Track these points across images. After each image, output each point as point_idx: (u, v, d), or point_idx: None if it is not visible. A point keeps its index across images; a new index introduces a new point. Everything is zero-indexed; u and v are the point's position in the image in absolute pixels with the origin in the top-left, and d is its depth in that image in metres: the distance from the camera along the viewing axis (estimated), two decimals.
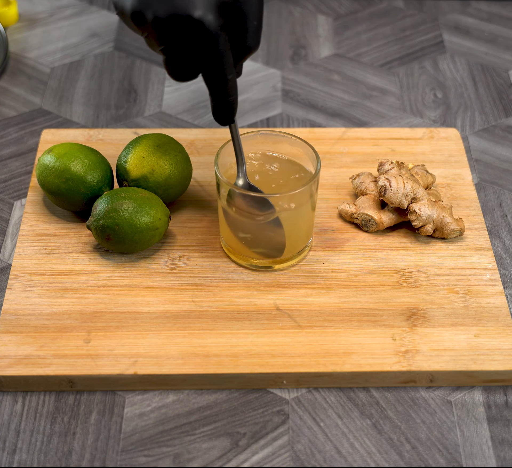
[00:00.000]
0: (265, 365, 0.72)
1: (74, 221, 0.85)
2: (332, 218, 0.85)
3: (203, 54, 0.67)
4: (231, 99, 0.71)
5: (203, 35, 0.66)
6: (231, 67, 0.69)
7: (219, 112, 0.72)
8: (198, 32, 0.66)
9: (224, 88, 0.70)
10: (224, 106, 0.71)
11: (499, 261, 0.83)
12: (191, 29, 0.65)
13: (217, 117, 0.73)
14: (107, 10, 1.16)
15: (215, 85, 0.69)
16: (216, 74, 0.68)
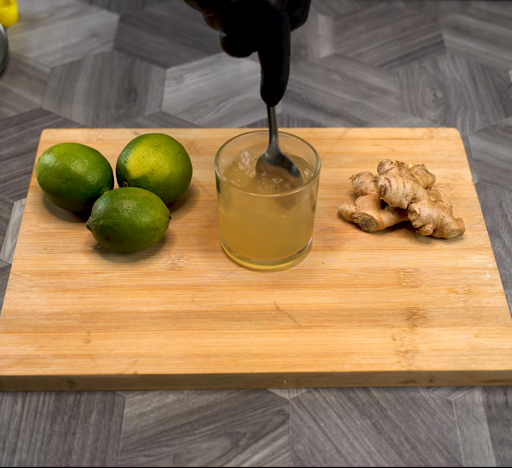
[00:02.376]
0: (265, 365, 0.72)
1: (74, 221, 0.85)
2: (332, 218, 0.85)
3: (266, 33, 0.69)
4: (283, 79, 0.72)
5: (269, 16, 0.67)
6: (288, 47, 0.70)
7: (268, 91, 0.73)
8: (264, 14, 0.67)
9: (278, 68, 0.71)
10: (275, 86, 0.73)
11: (499, 261, 0.83)
12: (257, 10, 0.67)
13: (265, 97, 0.74)
14: (107, 10, 1.16)
15: (270, 63, 0.71)
16: (273, 53, 0.70)
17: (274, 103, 0.75)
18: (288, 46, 0.70)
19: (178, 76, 1.06)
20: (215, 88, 1.04)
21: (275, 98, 0.74)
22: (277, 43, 0.69)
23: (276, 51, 0.70)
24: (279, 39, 0.69)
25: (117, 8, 1.17)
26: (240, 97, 1.02)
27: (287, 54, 0.71)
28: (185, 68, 1.07)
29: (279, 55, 0.70)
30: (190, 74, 1.06)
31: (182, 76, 1.06)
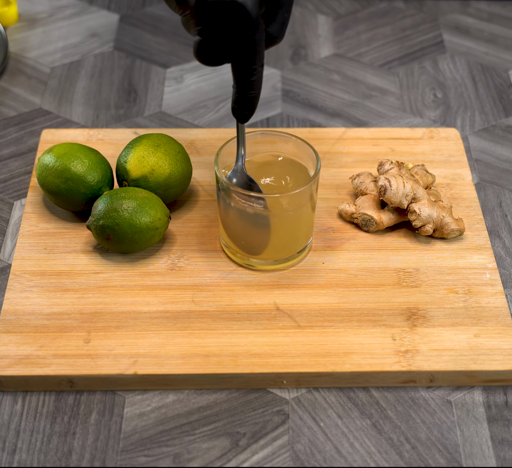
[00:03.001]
0: (265, 365, 0.72)
1: (74, 221, 0.85)
2: (332, 218, 0.85)
3: (239, 40, 0.67)
4: (254, 93, 0.70)
5: (244, 21, 0.66)
6: (262, 58, 0.68)
7: (239, 106, 0.71)
8: (238, 18, 0.66)
9: (249, 79, 0.69)
10: (245, 100, 0.71)
11: (499, 261, 0.83)
12: (232, 13, 0.66)
13: (236, 112, 0.72)
14: (107, 10, 1.16)
15: (241, 74, 0.69)
16: (245, 63, 0.68)
17: (245, 120, 0.72)
18: (261, 56, 0.68)
19: (178, 76, 1.06)
20: (215, 88, 1.04)
21: (245, 115, 0.72)
22: (250, 51, 0.67)
23: (249, 59, 0.68)
24: (253, 46, 0.67)
25: (117, 8, 1.17)
26: None
27: (260, 66, 0.69)
28: (185, 68, 1.07)
29: (251, 64, 0.68)
30: (190, 74, 1.06)
31: (182, 76, 1.06)
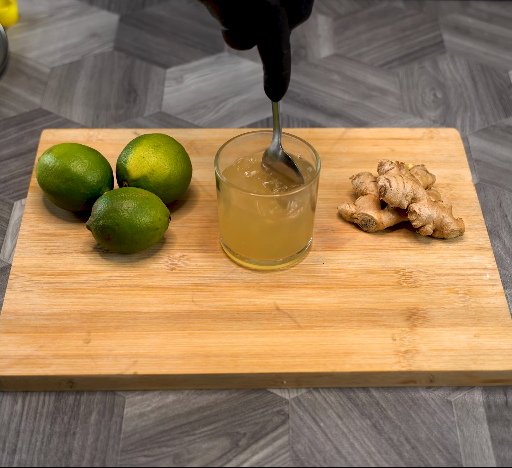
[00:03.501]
0: (265, 365, 0.72)
1: (74, 221, 0.85)
2: (332, 218, 0.85)
3: (262, 27, 0.69)
4: (284, 73, 0.72)
5: (264, 9, 0.68)
6: (287, 41, 0.71)
7: (271, 86, 0.73)
8: (259, 6, 0.68)
9: (278, 62, 0.71)
10: (277, 80, 0.73)
11: (499, 261, 0.83)
12: (251, 3, 0.67)
13: (269, 92, 0.74)
14: (107, 10, 1.16)
15: (270, 58, 0.71)
16: (272, 48, 0.70)
17: (278, 98, 0.75)
18: (287, 40, 0.70)
19: (178, 76, 1.06)
20: (215, 88, 1.04)
21: (278, 93, 0.74)
22: (275, 38, 0.70)
23: (275, 45, 0.70)
24: (277, 33, 0.69)
25: (117, 8, 1.17)
26: (240, 98, 1.02)
27: (287, 48, 0.71)
28: (185, 68, 1.07)
29: (278, 49, 0.70)
30: (190, 74, 1.06)
31: (182, 76, 1.06)
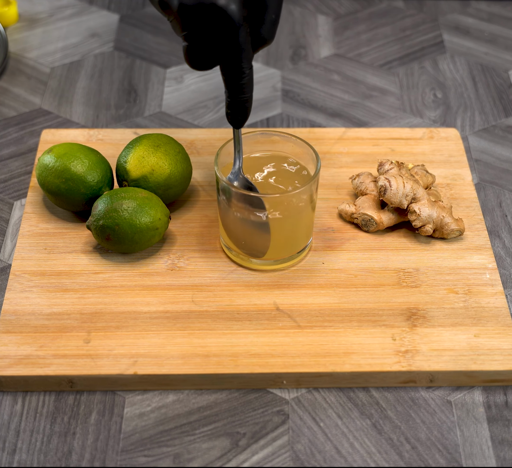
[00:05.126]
0: (265, 365, 0.72)
1: (74, 221, 0.85)
2: (332, 218, 0.85)
3: (224, 43, 0.67)
4: (245, 97, 0.70)
5: (226, 24, 0.66)
6: (249, 61, 0.69)
7: (232, 111, 0.71)
8: (221, 21, 0.66)
9: (238, 83, 0.69)
10: (238, 105, 0.71)
11: (499, 261, 0.83)
12: (214, 17, 0.66)
13: (230, 118, 0.72)
14: (107, 10, 1.16)
15: (230, 79, 0.69)
16: (233, 66, 0.68)
17: (239, 125, 0.72)
18: (249, 58, 0.68)
19: (178, 76, 1.06)
20: (215, 88, 1.04)
21: (239, 120, 0.72)
22: (236, 56, 0.67)
23: (235, 63, 0.68)
24: (238, 49, 0.67)
25: (117, 8, 1.17)
26: None
27: (248, 67, 0.69)
28: (185, 68, 1.07)
29: (239, 67, 0.68)
30: (190, 74, 1.06)
31: (182, 76, 1.06)
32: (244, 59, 0.68)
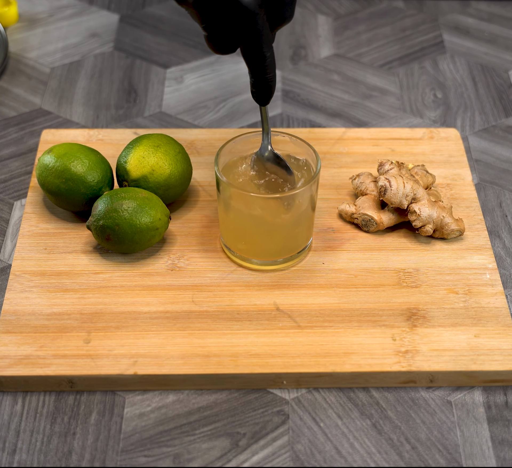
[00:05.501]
0: (265, 365, 0.72)
1: (74, 221, 0.85)
2: (332, 219, 0.85)
3: (242, 31, 0.69)
4: (269, 76, 0.72)
5: (242, 13, 0.67)
6: (269, 44, 0.70)
7: (258, 90, 0.73)
8: (237, 11, 0.67)
9: (262, 65, 0.71)
10: (263, 84, 0.73)
11: (499, 261, 0.83)
12: (229, 8, 0.67)
13: (256, 97, 0.74)
14: (107, 10, 1.16)
15: (253, 62, 0.71)
16: (254, 51, 0.70)
17: (265, 102, 0.74)
18: (269, 43, 0.70)
19: (178, 76, 1.06)
20: (215, 88, 1.04)
21: (265, 97, 0.74)
22: (256, 41, 0.69)
23: (257, 48, 0.70)
24: (258, 36, 0.69)
25: (117, 8, 1.17)
26: (240, 98, 1.02)
27: (269, 51, 0.70)
28: (185, 68, 1.07)
29: (260, 52, 0.70)
30: (190, 75, 1.06)
31: (182, 77, 1.06)
32: (264, 44, 0.70)
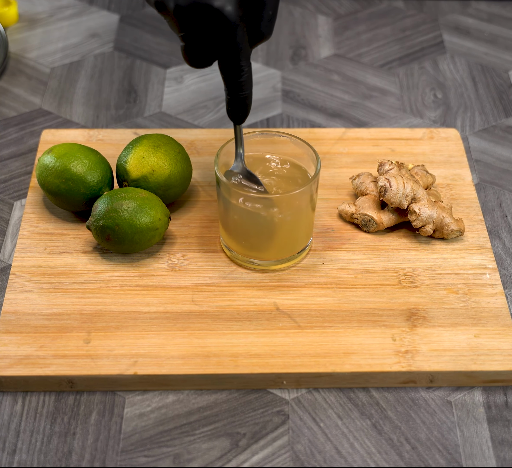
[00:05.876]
0: (265, 365, 0.72)
1: (74, 221, 0.85)
2: (332, 219, 0.85)
3: (221, 43, 0.68)
4: (245, 94, 0.71)
5: (222, 25, 0.67)
6: (247, 58, 0.69)
7: (233, 107, 0.72)
8: (217, 22, 0.66)
9: (237, 81, 0.70)
10: (238, 101, 0.72)
11: (499, 261, 0.83)
12: (210, 18, 0.66)
13: (231, 114, 0.73)
14: (107, 10, 1.16)
15: (229, 77, 0.70)
16: (231, 65, 0.69)
17: (241, 121, 0.73)
18: (247, 56, 0.69)
19: (178, 76, 1.06)
20: (215, 88, 1.04)
21: (240, 116, 0.73)
22: (234, 55, 0.68)
23: (234, 61, 0.69)
24: (236, 50, 0.68)
25: (117, 8, 1.17)
26: None
27: (246, 65, 0.69)
28: (185, 68, 1.07)
29: (238, 65, 0.69)
30: (190, 75, 1.06)
31: (182, 77, 1.06)
32: (242, 58, 0.69)
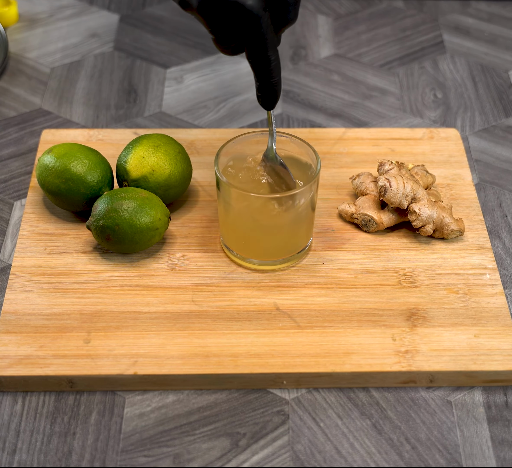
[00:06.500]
0: (265, 365, 0.72)
1: (74, 221, 0.85)
2: (332, 219, 0.85)
3: (247, 35, 0.69)
4: (274, 80, 0.72)
5: (246, 18, 0.67)
6: (274, 47, 0.70)
7: (263, 94, 0.73)
8: (240, 16, 0.67)
9: (267, 69, 0.71)
10: (268, 88, 0.72)
11: (499, 261, 0.83)
12: (234, 12, 0.67)
13: (261, 101, 0.74)
14: (107, 10, 1.16)
15: (258, 65, 0.71)
16: (259, 55, 0.70)
17: (271, 107, 0.74)
18: (273, 46, 0.70)
19: (178, 76, 1.06)
20: (215, 88, 1.04)
21: (271, 102, 0.74)
22: (261, 45, 0.69)
23: (262, 52, 0.69)
24: (263, 40, 0.69)
25: (117, 8, 1.17)
26: (240, 98, 1.02)
27: (274, 54, 0.70)
28: (185, 68, 1.07)
29: (265, 56, 0.70)
30: (190, 75, 1.06)
31: (182, 77, 1.06)
32: (269, 47, 0.70)
